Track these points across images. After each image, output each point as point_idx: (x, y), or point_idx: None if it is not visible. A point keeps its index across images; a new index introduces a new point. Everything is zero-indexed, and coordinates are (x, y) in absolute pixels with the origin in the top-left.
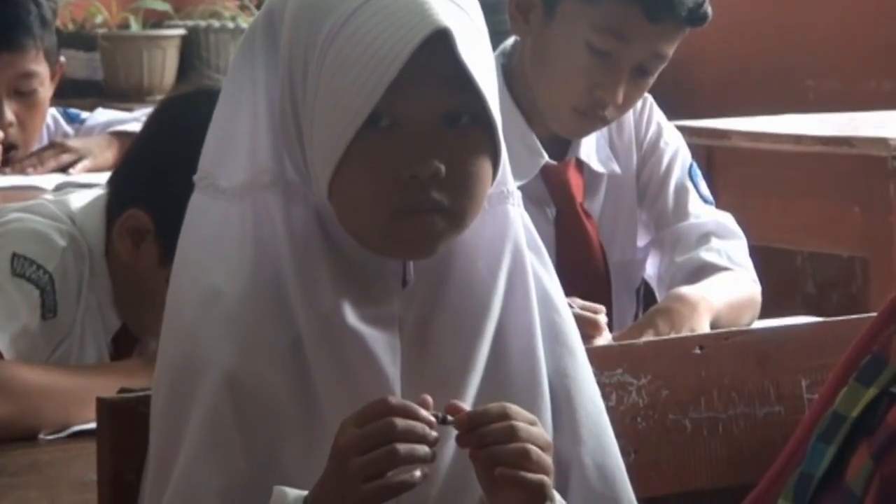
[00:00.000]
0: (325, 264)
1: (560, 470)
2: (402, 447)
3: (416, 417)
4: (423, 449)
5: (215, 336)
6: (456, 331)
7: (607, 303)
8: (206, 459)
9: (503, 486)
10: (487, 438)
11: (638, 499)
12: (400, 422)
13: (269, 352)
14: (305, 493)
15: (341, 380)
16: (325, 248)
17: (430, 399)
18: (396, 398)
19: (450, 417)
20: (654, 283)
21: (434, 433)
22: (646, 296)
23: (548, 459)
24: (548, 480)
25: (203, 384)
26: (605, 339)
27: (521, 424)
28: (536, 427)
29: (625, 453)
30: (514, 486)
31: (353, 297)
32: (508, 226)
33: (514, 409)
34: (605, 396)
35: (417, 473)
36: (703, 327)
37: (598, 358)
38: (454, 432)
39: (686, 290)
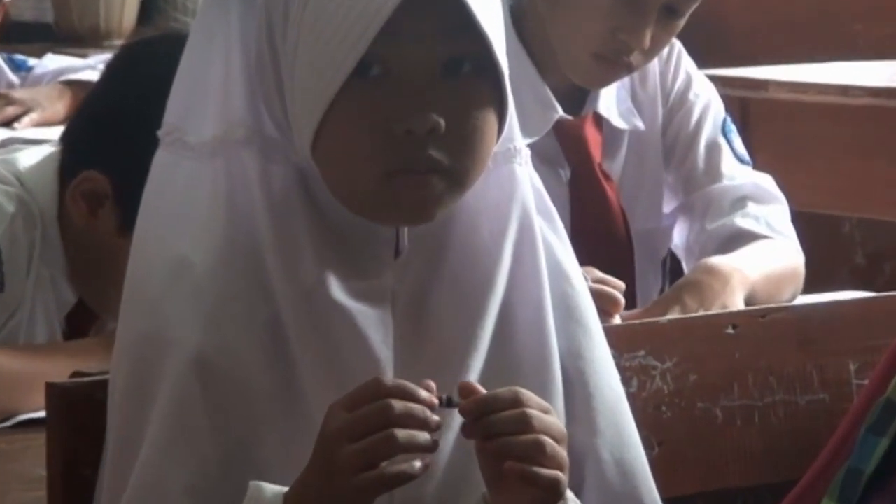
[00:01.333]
0: (308, 231)
1: (574, 464)
2: (401, 433)
3: (416, 400)
4: (424, 436)
5: (183, 312)
6: (456, 306)
7: (629, 276)
8: (173, 451)
9: (512, 482)
10: (497, 428)
11: (662, 498)
12: (397, 404)
13: (245, 330)
14: (285, 489)
15: (326, 362)
16: (308, 213)
17: (432, 384)
18: (392, 379)
19: (457, 399)
20: (681, 254)
21: (436, 418)
22: (672, 268)
23: (563, 453)
24: (563, 478)
25: (169, 366)
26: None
27: (534, 412)
28: (550, 416)
29: (647, 446)
30: (526, 482)
31: (340, 268)
32: (516, 187)
33: (526, 394)
34: (626, 381)
35: (418, 464)
36: (737, 303)
37: (618, 337)
38: (457, 420)
39: (718, 260)
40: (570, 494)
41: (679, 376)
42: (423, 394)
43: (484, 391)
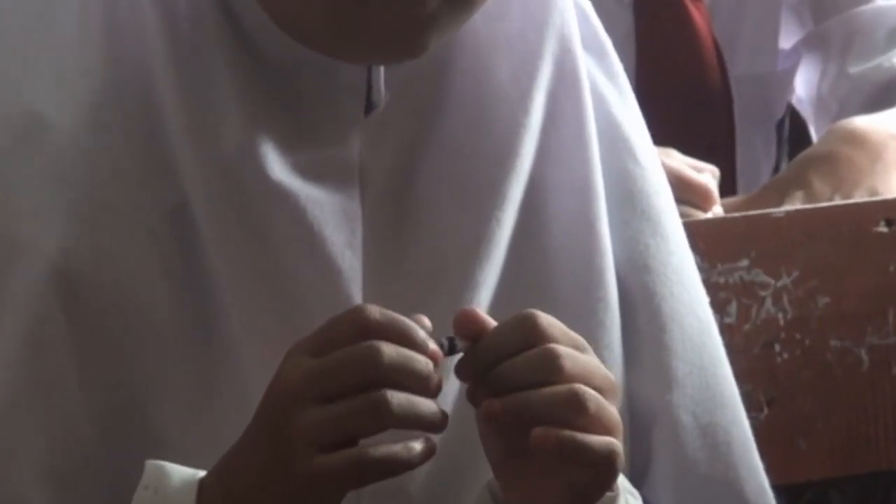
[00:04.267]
0: (231, 74)
1: (636, 432)
2: (397, 397)
3: (414, 343)
4: (429, 405)
5: (37, 199)
6: (458, 189)
7: (726, 145)
8: (24, 412)
9: (534, 462)
10: (508, 379)
11: (774, 486)
12: (389, 349)
13: (133, 226)
14: (199, 473)
15: (258, 275)
16: (230, 46)
17: (426, 321)
18: (377, 308)
19: (460, 344)
20: (807, 112)
21: (436, 376)
22: (793, 134)
23: (613, 411)
24: (618, 446)
25: (16, 282)
26: (717, 212)
27: (564, 349)
28: (589, 354)
29: (751, 406)
30: (564, 459)
31: (280, 131)
32: (550, 9)
33: (547, 321)
34: (718, 307)
35: (418, 446)
36: (893, 187)
37: (707, 239)
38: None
39: (865, 122)
40: (623, 483)
41: (802, 299)
42: (422, 334)
43: (494, 323)
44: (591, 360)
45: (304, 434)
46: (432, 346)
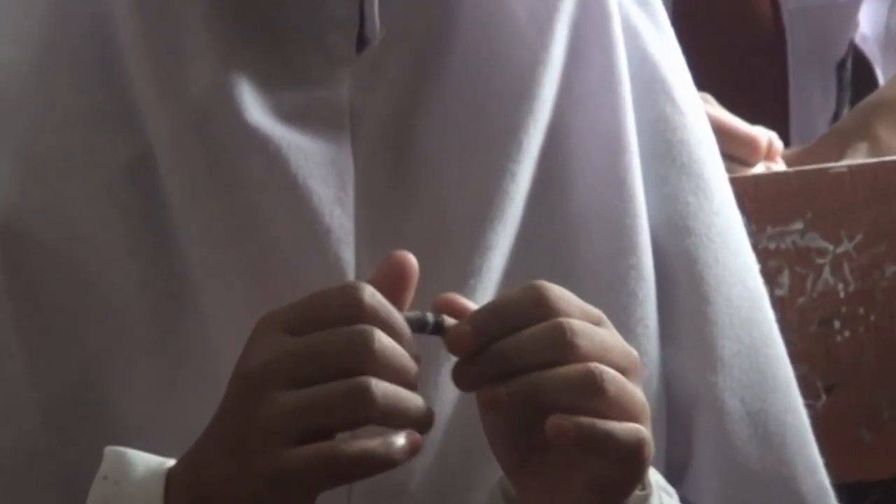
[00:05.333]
0: (201, 5)
1: (675, 418)
2: (381, 386)
3: (400, 336)
4: (416, 401)
5: None
6: (465, 138)
7: (779, 90)
8: None
9: (551, 455)
10: (514, 359)
11: (837, 485)
12: (383, 337)
13: (89, 180)
14: (168, 461)
15: (233, 237)
16: None
17: (412, 260)
18: (373, 292)
19: (448, 319)
20: (873, 51)
21: (414, 365)
22: (857, 77)
23: (637, 394)
24: (645, 433)
25: None
26: (775, 165)
27: (579, 324)
28: (606, 328)
29: (807, 393)
30: (585, 448)
31: (258, 69)
32: None
33: (559, 292)
34: (768, 276)
35: (401, 441)
36: None
37: (756, 197)
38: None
39: None
40: (656, 479)
41: (867, 268)
42: (406, 328)
43: (472, 306)
44: (610, 336)
45: (270, 424)
46: (411, 336)
